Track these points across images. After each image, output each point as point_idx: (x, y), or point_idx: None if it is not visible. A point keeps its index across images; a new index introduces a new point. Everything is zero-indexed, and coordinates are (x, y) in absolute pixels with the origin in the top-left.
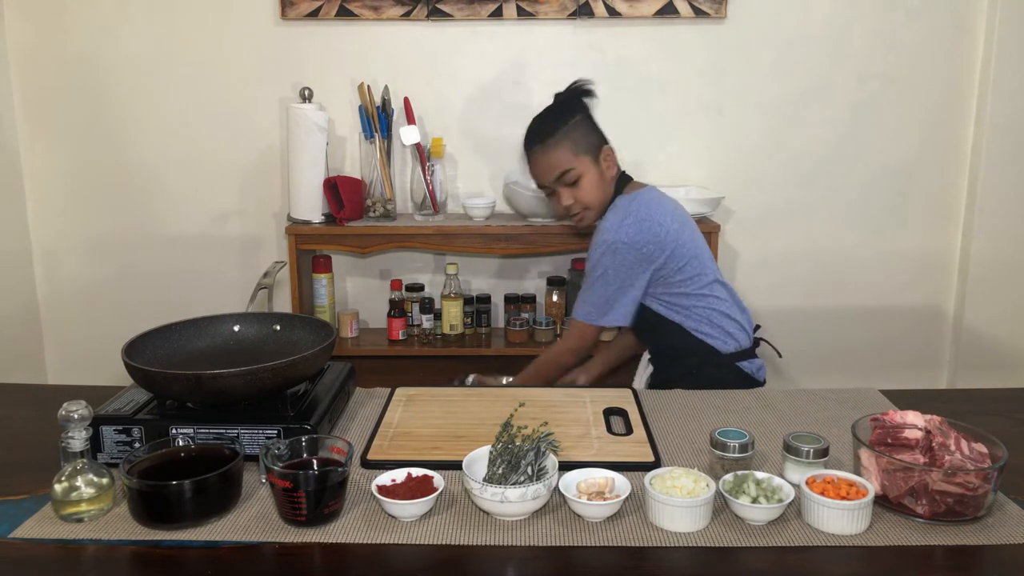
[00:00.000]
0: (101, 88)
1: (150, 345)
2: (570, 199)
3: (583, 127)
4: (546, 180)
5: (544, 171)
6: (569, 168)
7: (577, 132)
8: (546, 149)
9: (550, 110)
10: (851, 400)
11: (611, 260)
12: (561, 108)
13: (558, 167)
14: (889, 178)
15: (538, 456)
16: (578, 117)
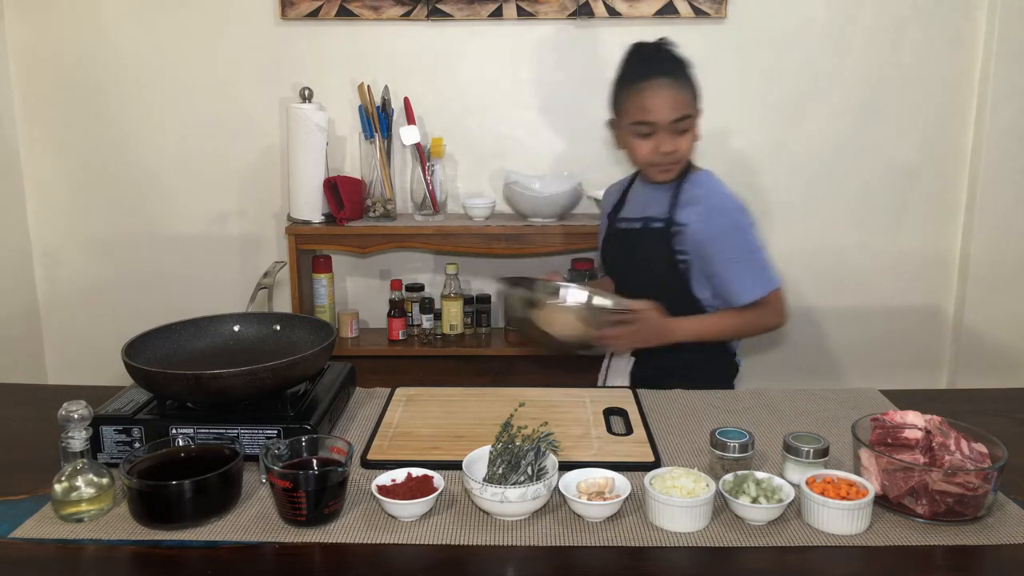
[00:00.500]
0: (101, 88)
1: (150, 345)
2: (672, 147)
3: (696, 81)
4: (666, 116)
5: (668, 106)
6: (689, 114)
7: (696, 84)
8: (677, 84)
9: (672, 51)
10: (851, 400)
11: (748, 224)
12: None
13: (683, 107)
14: (889, 178)
15: (538, 456)
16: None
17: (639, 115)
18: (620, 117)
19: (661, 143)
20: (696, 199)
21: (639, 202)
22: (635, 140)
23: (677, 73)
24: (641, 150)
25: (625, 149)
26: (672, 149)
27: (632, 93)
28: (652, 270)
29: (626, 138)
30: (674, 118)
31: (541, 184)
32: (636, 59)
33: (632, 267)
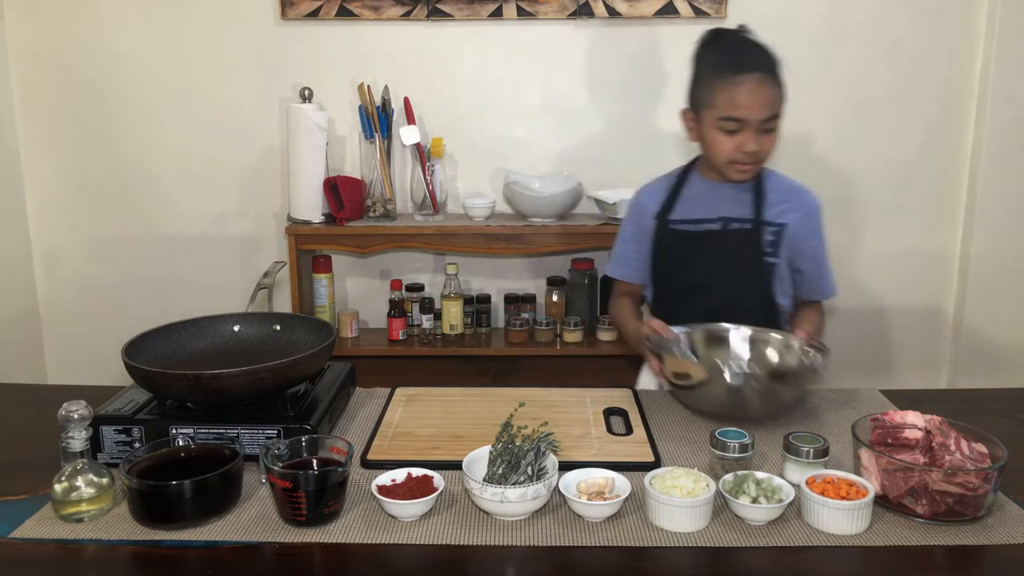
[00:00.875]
0: (101, 88)
1: (150, 345)
2: (757, 145)
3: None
4: (758, 114)
5: (761, 103)
6: (778, 113)
7: (784, 83)
8: (773, 81)
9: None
10: (851, 400)
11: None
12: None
13: (775, 106)
14: (889, 178)
15: (538, 456)
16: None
17: (729, 110)
18: (704, 109)
19: (747, 141)
20: (787, 198)
21: (708, 202)
22: (719, 135)
23: (772, 69)
24: (724, 146)
25: (702, 142)
26: (757, 148)
27: (724, 86)
28: (736, 272)
29: (708, 132)
30: (765, 116)
31: (541, 184)
32: (727, 49)
33: (710, 268)
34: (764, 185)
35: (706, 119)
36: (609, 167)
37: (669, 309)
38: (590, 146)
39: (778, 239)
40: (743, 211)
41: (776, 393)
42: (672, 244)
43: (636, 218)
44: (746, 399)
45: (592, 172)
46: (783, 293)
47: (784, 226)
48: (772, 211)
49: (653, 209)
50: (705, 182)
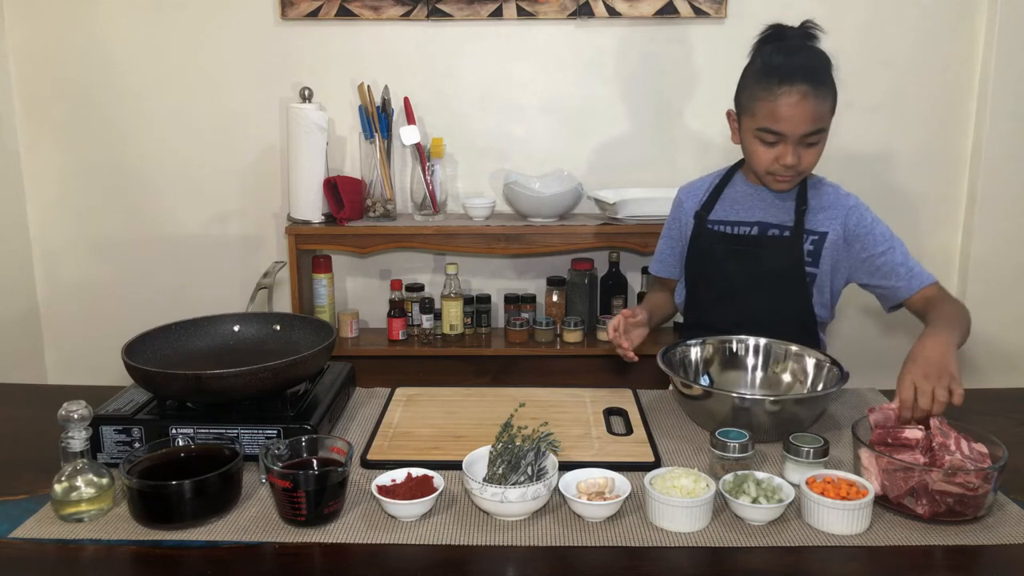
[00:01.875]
0: (101, 88)
1: (150, 345)
2: (796, 159)
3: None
4: (799, 129)
5: (803, 119)
6: (823, 128)
7: (836, 90)
8: (817, 95)
9: (814, 48)
10: (851, 400)
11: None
12: (825, 53)
13: (818, 121)
14: (889, 178)
15: (538, 456)
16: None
17: (769, 122)
18: (744, 115)
19: (785, 154)
20: (828, 206)
21: (747, 205)
22: (758, 145)
23: (819, 80)
24: (762, 157)
25: (742, 147)
26: (795, 162)
27: (764, 95)
28: (775, 278)
29: (747, 139)
30: (806, 132)
31: (541, 184)
32: (776, 52)
33: (745, 273)
34: (808, 192)
35: (746, 126)
36: (609, 167)
37: (701, 313)
38: (590, 146)
39: (818, 249)
40: (783, 217)
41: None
42: (708, 245)
43: (674, 215)
44: (755, 419)
45: (592, 172)
46: (821, 304)
47: (825, 235)
48: (813, 219)
49: (692, 207)
50: (747, 184)
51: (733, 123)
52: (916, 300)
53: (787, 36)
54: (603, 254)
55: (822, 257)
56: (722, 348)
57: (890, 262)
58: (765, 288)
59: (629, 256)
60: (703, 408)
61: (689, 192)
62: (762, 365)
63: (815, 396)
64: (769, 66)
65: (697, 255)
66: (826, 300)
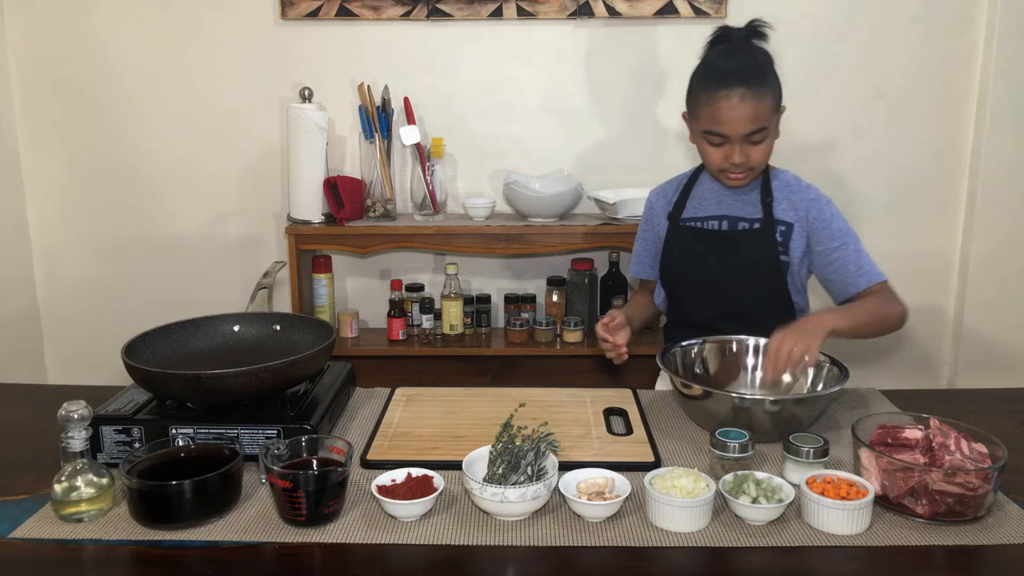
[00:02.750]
0: (101, 88)
1: (150, 345)
2: (743, 157)
3: (778, 80)
4: (740, 129)
5: (742, 119)
6: (765, 126)
7: (778, 85)
8: (755, 95)
9: (753, 48)
10: (851, 400)
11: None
12: (765, 52)
13: (759, 120)
14: (889, 178)
15: (538, 456)
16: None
17: (710, 125)
18: (693, 119)
19: (732, 153)
20: (789, 196)
21: (714, 200)
22: (706, 146)
23: (756, 81)
24: (712, 157)
25: (697, 147)
26: (743, 160)
27: (705, 100)
28: (750, 270)
29: (698, 140)
30: (748, 132)
31: (541, 184)
32: (718, 55)
33: (721, 267)
34: (771, 184)
35: (694, 128)
36: (609, 167)
37: (683, 311)
38: (590, 146)
39: (786, 239)
40: (750, 210)
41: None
42: (684, 242)
43: (647, 217)
44: (755, 419)
45: (592, 172)
46: (798, 291)
47: (791, 225)
48: (778, 210)
49: (663, 208)
50: (712, 181)
51: (688, 124)
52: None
53: (731, 38)
54: (603, 254)
55: (791, 246)
56: (722, 348)
57: (842, 258)
58: (742, 280)
59: (629, 256)
60: (703, 408)
61: (659, 194)
62: (762, 365)
63: (815, 396)
64: (709, 70)
65: (673, 254)
66: (802, 288)
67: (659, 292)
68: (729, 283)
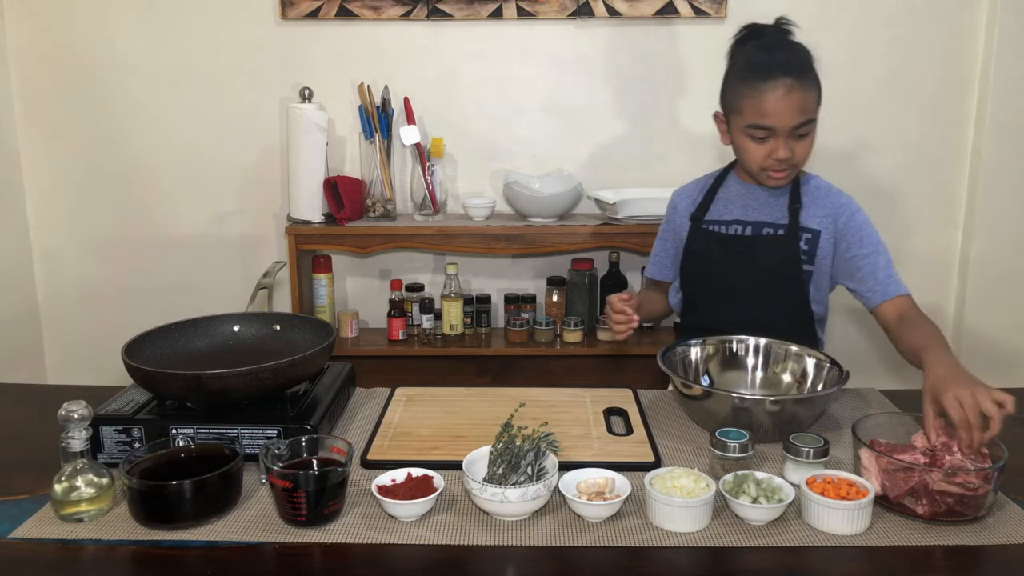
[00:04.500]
0: (101, 88)
1: (150, 345)
2: (788, 152)
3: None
4: (788, 121)
5: (790, 111)
6: (812, 118)
7: (819, 80)
8: (802, 87)
9: (793, 42)
10: (851, 400)
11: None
12: (803, 46)
13: (806, 112)
14: (889, 178)
15: (538, 456)
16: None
17: (756, 118)
18: (732, 115)
19: (777, 148)
20: (819, 202)
21: (740, 204)
22: (748, 142)
23: (802, 72)
24: (755, 154)
25: (733, 147)
26: (788, 155)
27: (749, 92)
28: (771, 277)
29: (738, 138)
30: (796, 124)
31: (541, 184)
32: (755, 49)
33: (742, 273)
34: (800, 189)
35: (735, 125)
36: (609, 167)
37: (699, 314)
38: (590, 146)
39: (812, 247)
40: (777, 216)
41: (786, 415)
42: (704, 246)
43: (669, 217)
44: (755, 419)
45: (592, 172)
46: (818, 300)
47: (818, 233)
48: (806, 217)
49: (687, 209)
50: (740, 184)
51: (721, 124)
52: (887, 309)
53: (764, 34)
54: (603, 254)
55: (817, 255)
56: (722, 348)
57: (871, 265)
58: (762, 287)
59: (629, 256)
60: (703, 408)
61: (682, 194)
62: (762, 365)
63: (815, 396)
64: (752, 63)
65: (693, 256)
66: (823, 297)
67: (674, 293)
68: (748, 289)
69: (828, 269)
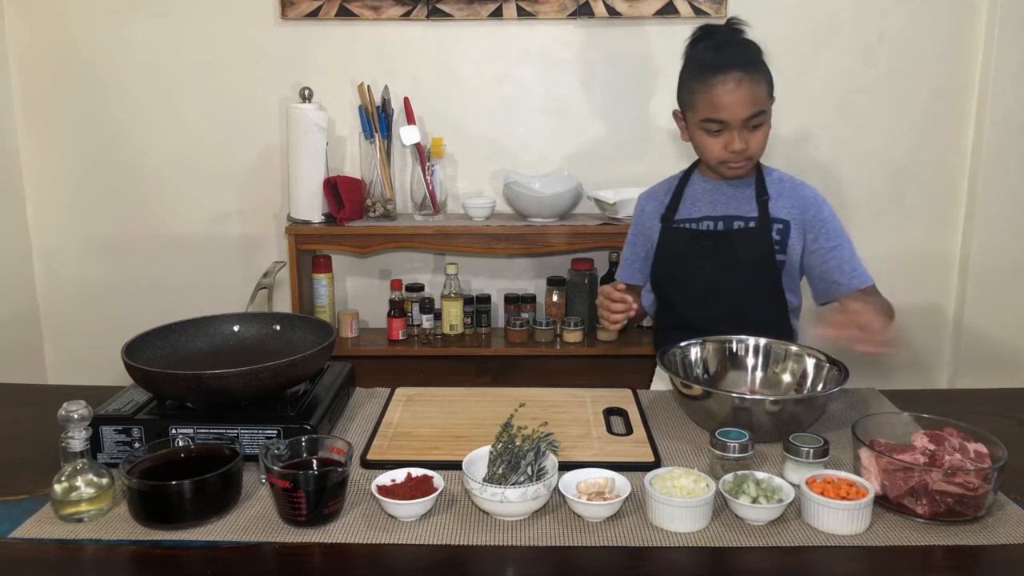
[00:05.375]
0: (101, 88)
1: (150, 345)
2: (743, 144)
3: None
4: (739, 113)
5: (742, 102)
6: (763, 110)
7: (769, 73)
8: (752, 79)
9: (741, 39)
10: (851, 400)
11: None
12: (753, 42)
13: (757, 103)
14: (888, 178)
15: (538, 456)
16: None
17: (709, 112)
18: (687, 111)
19: (732, 141)
20: (785, 194)
21: (707, 201)
22: (704, 136)
23: (751, 65)
24: (711, 147)
25: (692, 143)
26: (742, 146)
27: (701, 88)
28: (746, 270)
29: (694, 133)
30: (747, 115)
31: (541, 184)
32: (705, 48)
33: (716, 268)
34: (765, 181)
35: (691, 121)
36: (609, 167)
37: (676, 314)
38: (590, 146)
39: (784, 237)
40: (746, 209)
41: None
42: (678, 245)
43: (637, 220)
44: (755, 419)
45: (592, 172)
46: (792, 290)
47: (788, 223)
48: (774, 208)
49: (655, 211)
50: (705, 181)
51: (680, 122)
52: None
53: (715, 33)
54: (603, 254)
55: (789, 245)
56: (722, 348)
57: (837, 258)
58: (738, 280)
59: None
60: (703, 408)
61: (649, 197)
62: (762, 365)
63: (815, 396)
64: (702, 60)
65: (666, 257)
66: (795, 287)
67: (646, 295)
68: (725, 284)
69: (799, 259)
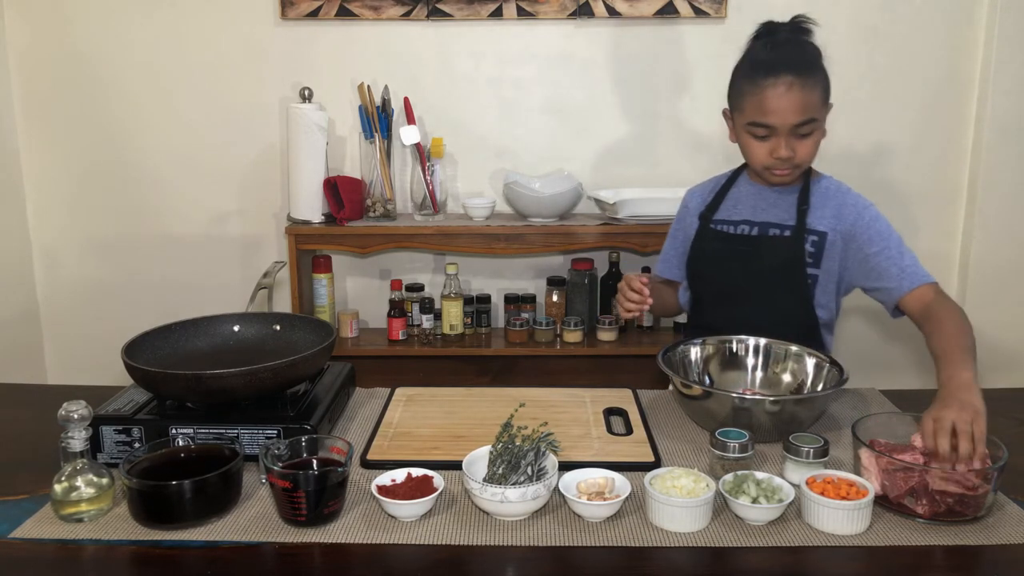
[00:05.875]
0: (101, 88)
1: (150, 345)
2: (789, 151)
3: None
4: (787, 120)
5: (792, 108)
6: (815, 117)
7: (827, 79)
8: (803, 85)
9: (800, 40)
10: (851, 400)
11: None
12: (813, 44)
13: (807, 111)
14: (889, 178)
15: (538, 456)
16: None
17: (756, 116)
18: (735, 112)
19: (779, 147)
20: (827, 203)
21: (749, 205)
22: (750, 140)
23: (806, 70)
24: (756, 152)
25: (739, 145)
26: (790, 155)
27: (751, 89)
28: (774, 279)
29: (741, 135)
30: (796, 122)
31: (541, 184)
32: (762, 47)
33: (744, 273)
34: (810, 190)
35: (738, 122)
36: (609, 167)
37: (704, 314)
38: (590, 146)
39: (819, 250)
40: (785, 217)
41: (786, 415)
42: (710, 245)
43: (680, 215)
44: (755, 419)
45: (592, 172)
46: (823, 305)
47: (824, 235)
48: (814, 218)
49: (696, 208)
50: (751, 185)
51: (729, 121)
52: (909, 305)
53: (777, 31)
54: (603, 254)
55: (824, 258)
56: (722, 348)
57: (883, 262)
58: (763, 288)
59: (629, 256)
60: (703, 408)
61: (694, 193)
62: (762, 365)
63: (815, 396)
64: (755, 60)
65: (698, 255)
66: (830, 302)
67: (683, 292)
68: (750, 290)
69: (836, 273)
